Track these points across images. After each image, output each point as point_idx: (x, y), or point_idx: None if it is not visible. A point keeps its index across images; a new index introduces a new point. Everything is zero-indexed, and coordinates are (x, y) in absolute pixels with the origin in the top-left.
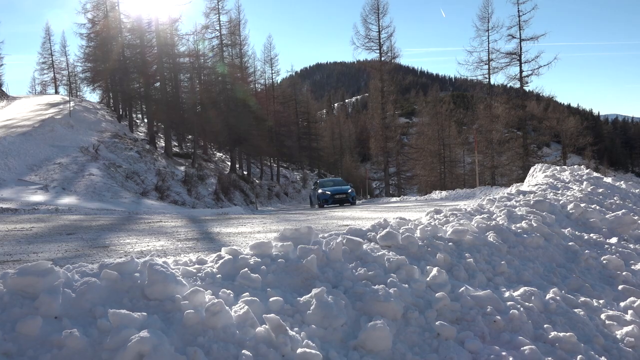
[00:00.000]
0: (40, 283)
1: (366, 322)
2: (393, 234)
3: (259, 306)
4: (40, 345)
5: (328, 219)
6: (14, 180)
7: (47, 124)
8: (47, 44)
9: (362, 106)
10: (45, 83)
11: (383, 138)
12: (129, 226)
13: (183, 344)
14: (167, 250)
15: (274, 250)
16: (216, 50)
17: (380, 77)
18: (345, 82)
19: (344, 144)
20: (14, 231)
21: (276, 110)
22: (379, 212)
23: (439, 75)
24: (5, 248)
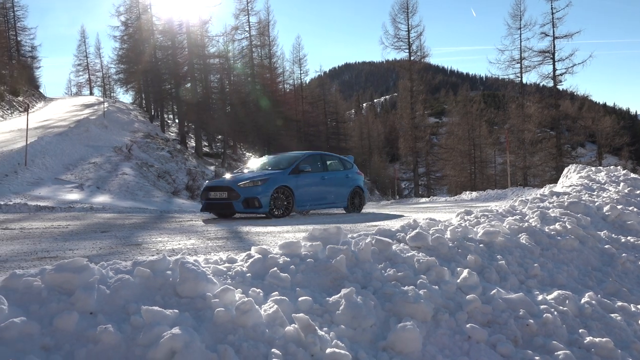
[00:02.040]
0: (76, 279)
1: (395, 323)
2: (423, 235)
3: (288, 305)
4: (77, 340)
5: (357, 219)
6: (51, 179)
7: (82, 124)
8: (82, 46)
9: (391, 106)
10: (81, 84)
11: (412, 138)
12: (160, 224)
13: (214, 342)
14: (198, 249)
15: (303, 249)
16: (245, 51)
17: (410, 77)
18: (374, 82)
19: (372, 143)
20: (51, 228)
21: (305, 110)
22: (408, 212)
23: (470, 75)
24: (42, 245)
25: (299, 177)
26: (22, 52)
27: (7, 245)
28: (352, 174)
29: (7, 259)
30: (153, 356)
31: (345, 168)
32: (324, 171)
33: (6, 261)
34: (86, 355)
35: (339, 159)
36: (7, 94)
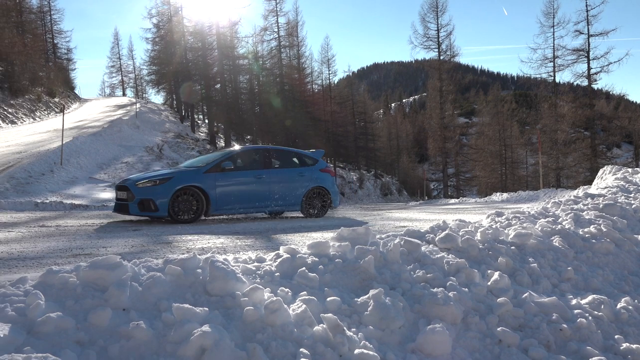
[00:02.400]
0: (109, 276)
1: (425, 325)
2: (452, 236)
3: (317, 305)
4: (110, 336)
5: (385, 219)
6: (85, 178)
7: (115, 124)
8: (115, 48)
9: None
10: (114, 86)
11: (441, 138)
12: (190, 223)
13: (243, 340)
14: (227, 248)
15: (331, 250)
16: (274, 51)
17: (439, 76)
18: (403, 82)
19: (401, 144)
20: (85, 226)
21: (333, 111)
22: (437, 213)
23: (500, 74)
24: (77, 242)
25: (217, 176)
26: (58, 54)
27: (43, 242)
28: (311, 171)
29: (43, 256)
30: (184, 353)
31: (304, 165)
32: (263, 168)
33: (43, 258)
34: (119, 351)
35: (295, 155)
36: (44, 95)
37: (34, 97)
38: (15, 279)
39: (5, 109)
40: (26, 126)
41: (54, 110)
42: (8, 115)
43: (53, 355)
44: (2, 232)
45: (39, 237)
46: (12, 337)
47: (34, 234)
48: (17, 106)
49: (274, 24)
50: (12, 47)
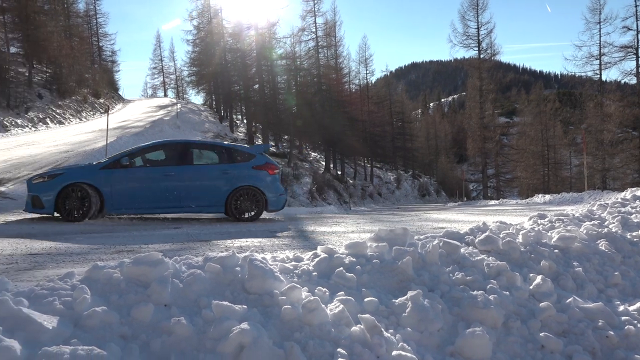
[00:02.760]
0: (152, 273)
1: (464, 329)
2: (493, 238)
3: (354, 306)
4: (152, 331)
5: (423, 220)
6: None
7: (157, 124)
8: (157, 50)
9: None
10: (156, 87)
11: (481, 138)
12: (228, 222)
13: (280, 338)
14: (264, 247)
15: (368, 250)
16: (312, 52)
17: (479, 75)
18: (442, 81)
19: (439, 144)
20: (127, 223)
21: (370, 111)
22: (476, 215)
23: (543, 72)
24: (120, 239)
25: (115, 173)
26: (103, 56)
27: (88, 239)
28: (239, 168)
29: (88, 252)
30: (223, 350)
31: (232, 161)
32: (178, 165)
33: (88, 253)
34: (161, 346)
35: (223, 150)
36: (90, 97)
37: (80, 98)
38: (63, 274)
39: (53, 110)
40: (73, 126)
41: (99, 110)
42: (56, 116)
43: (98, 348)
44: (50, 229)
45: (83, 234)
46: (60, 329)
47: (80, 230)
48: (64, 107)
49: (311, 24)
50: (61, 50)
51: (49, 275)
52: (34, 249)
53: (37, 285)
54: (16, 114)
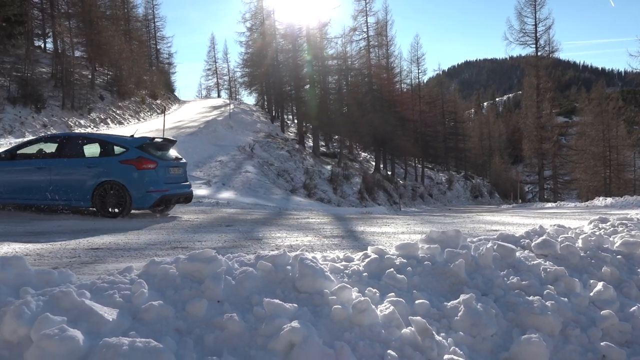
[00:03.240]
0: (206, 269)
1: (519, 335)
2: (550, 242)
3: (405, 307)
4: (206, 326)
5: (475, 222)
6: None
7: (211, 125)
8: (211, 52)
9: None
10: (210, 88)
11: (538, 139)
12: (279, 221)
13: (330, 338)
14: (314, 246)
15: (420, 252)
16: (363, 51)
17: (536, 74)
18: (496, 80)
19: (493, 144)
20: (182, 221)
21: (422, 110)
22: (532, 218)
23: (605, 70)
24: (175, 236)
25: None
26: (160, 59)
27: (145, 235)
28: (106, 163)
29: (145, 247)
30: (274, 347)
31: (107, 154)
32: (53, 157)
33: (144, 249)
34: (214, 341)
35: (103, 142)
36: (148, 98)
37: (139, 99)
38: (122, 268)
39: (114, 111)
40: (132, 126)
41: (156, 111)
42: (116, 117)
43: (155, 341)
44: (111, 224)
45: (141, 230)
46: (120, 321)
47: (137, 226)
48: (124, 108)
49: (363, 24)
50: (121, 53)
51: (108, 269)
52: (95, 243)
53: (98, 279)
54: (80, 115)
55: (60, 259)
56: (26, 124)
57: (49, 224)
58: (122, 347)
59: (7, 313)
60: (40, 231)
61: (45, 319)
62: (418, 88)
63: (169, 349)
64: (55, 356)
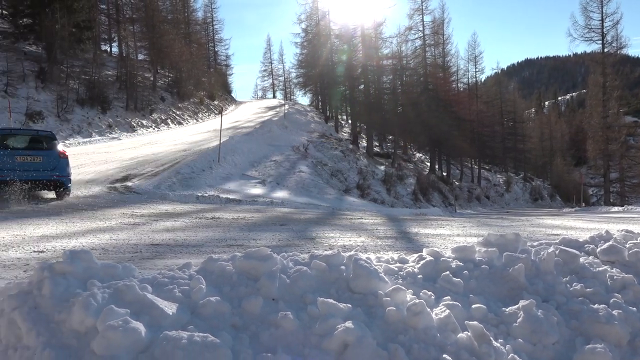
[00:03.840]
0: (261, 267)
1: (583, 344)
2: (617, 248)
3: (461, 311)
4: (261, 322)
5: (535, 226)
6: (238, 174)
7: (266, 125)
8: (267, 53)
9: (577, 104)
10: (265, 88)
11: (603, 139)
12: (332, 221)
13: (384, 340)
14: (367, 247)
15: (477, 255)
16: (419, 51)
17: (602, 71)
18: (558, 78)
19: (554, 145)
20: (237, 219)
21: (479, 110)
22: (597, 222)
23: None
24: (231, 233)
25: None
26: (218, 61)
27: (202, 232)
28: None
29: (202, 244)
30: (327, 346)
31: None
32: None
33: (202, 246)
34: (269, 338)
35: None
36: (206, 99)
37: (197, 100)
38: (182, 264)
39: (174, 112)
40: (190, 127)
41: (214, 112)
42: (176, 117)
43: (212, 336)
44: (170, 221)
45: (199, 227)
46: (179, 315)
47: (195, 224)
48: (183, 109)
49: (419, 22)
50: (181, 56)
51: (168, 264)
52: (156, 239)
53: (159, 274)
54: (142, 116)
55: (123, 253)
56: (93, 125)
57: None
58: (182, 340)
59: (75, 304)
60: None
61: (111, 311)
62: (475, 87)
63: (225, 344)
64: (120, 346)
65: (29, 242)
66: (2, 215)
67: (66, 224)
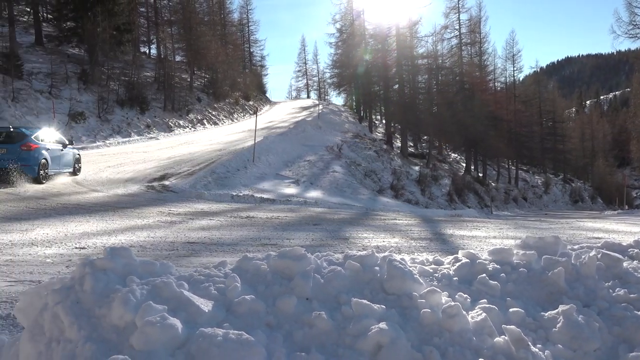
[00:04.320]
0: (295, 267)
1: (627, 352)
2: None
3: (498, 315)
4: (295, 322)
5: (575, 229)
6: (272, 174)
7: (300, 125)
8: (302, 54)
9: (621, 103)
10: (300, 89)
11: None
12: (365, 221)
13: (419, 342)
14: (401, 248)
15: (514, 258)
16: (454, 50)
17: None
18: (600, 77)
19: (596, 146)
20: (271, 219)
21: (517, 110)
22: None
23: None
24: (265, 233)
25: None
26: (253, 61)
27: (237, 231)
28: None
29: (237, 243)
30: (361, 347)
31: None
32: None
33: (236, 244)
34: (302, 337)
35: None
36: (241, 99)
37: (233, 100)
38: (217, 262)
39: (210, 112)
40: (226, 127)
41: (249, 112)
42: (212, 117)
43: (247, 334)
44: (205, 220)
45: (234, 226)
46: (214, 313)
47: (230, 223)
48: (219, 109)
49: (455, 21)
50: (217, 57)
51: (203, 262)
52: (191, 237)
53: (195, 271)
54: (179, 116)
55: (160, 251)
56: (132, 125)
57: None
58: (217, 337)
59: (115, 300)
60: None
61: (149, 307)
62: (513, 86)
63: (260, 342)
64: (157, 342)
65: (71, 238)
66: (46, 213)
67: (106, 222)
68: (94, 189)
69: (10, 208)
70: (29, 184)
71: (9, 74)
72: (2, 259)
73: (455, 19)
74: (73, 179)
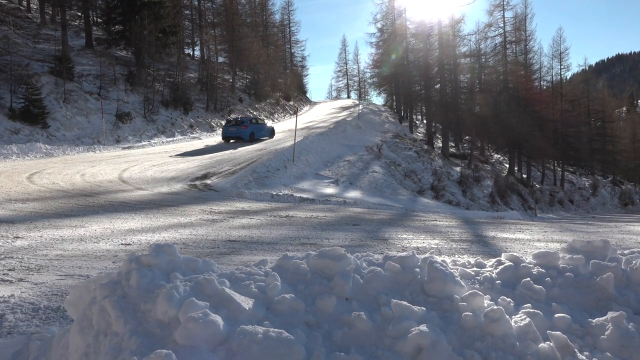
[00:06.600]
0: (335, 266)
1: None
2: None
3: (542, 320)
4: (334, 322)
5: (624, 233)
6: (312, 174)
7: (340, 125)
8: (342, 54)
9: None
10: (340, 89)
11: None
12: (405, 222)
13: (460, 345)
14: (442, 249)
15: (560, 262)
16: (499, 48)
17: None
18: None
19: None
20: (310, 218)
21: (563, 109)
22: None
23: None
24: (304, 232)
25: None
26: (294, 62)
27: (277, 230)
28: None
29: (277, 242)
30: (401, 349)
31: None
32: None
33: (276, 243)
34: (342, 337)
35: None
36: (282, 99)
37: (274, 101)
38: (257, 261)
39: (251, 112)
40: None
41: (289, 112)
42: None
43: (287, 332)
44: (246, 219)
45: (274, 225)
46: (255, 310)
47: (270, 222)
48: (260, 109)
49: (499, 19)
50: (259, 58)
51: (244, 260)
52: (232, 236)
53: (236, 269)
54: (221, 116)
55: (202, 248)
56: (176, 125)
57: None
58: (257, 335)
59: (159, 295)
60: None
61: (192, 303)
62: (560, 85)
63: (299, 341)
64: (199, 338)
65: (118, 235)
66: (94, 210)
67: (150, 219)
68: (139, 187)
69: (61, 205)
70: (80, 185)
71: (61, 76)
72: (53, 253)
73: (500, 17)
74: (119, 178)
